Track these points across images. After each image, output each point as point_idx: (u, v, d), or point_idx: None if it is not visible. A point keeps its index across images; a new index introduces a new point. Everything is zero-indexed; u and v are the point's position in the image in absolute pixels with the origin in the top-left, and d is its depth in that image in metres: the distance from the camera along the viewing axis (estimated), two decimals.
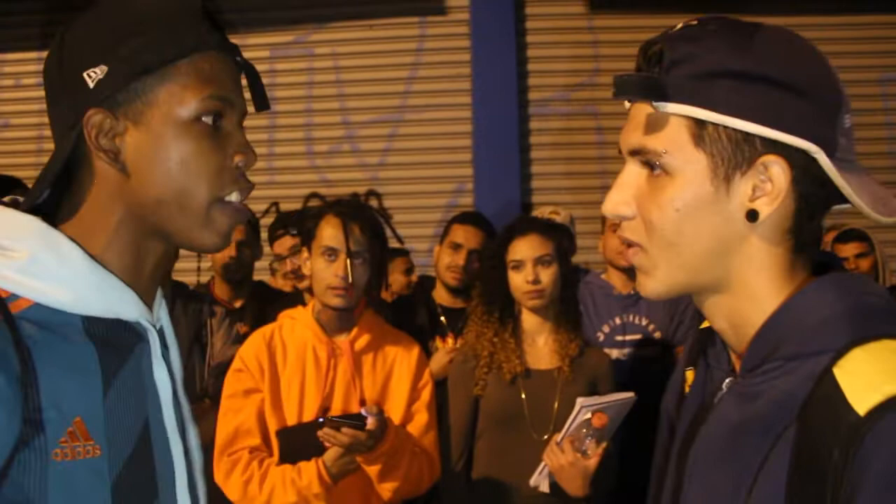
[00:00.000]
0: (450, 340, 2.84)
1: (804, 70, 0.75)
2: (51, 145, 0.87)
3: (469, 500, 2.23)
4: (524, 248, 2.21)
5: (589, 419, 1.97)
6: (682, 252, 0.78)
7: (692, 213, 0.76)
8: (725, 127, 0.74)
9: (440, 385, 2.41)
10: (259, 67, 0.96)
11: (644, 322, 2.84)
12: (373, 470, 1.91)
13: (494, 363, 2.22)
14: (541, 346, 2.26)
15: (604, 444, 2.01)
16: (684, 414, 0.89)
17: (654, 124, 0.77)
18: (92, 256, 0.83)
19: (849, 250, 3.37)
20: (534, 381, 2.21)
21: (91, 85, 0.81)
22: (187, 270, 3.49)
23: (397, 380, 2.06)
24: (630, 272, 2.89)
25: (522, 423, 2.17)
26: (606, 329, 2.84)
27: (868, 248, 3.37)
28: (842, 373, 0.71)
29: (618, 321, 2.84)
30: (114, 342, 0.84)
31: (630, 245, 0.82)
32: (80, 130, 0.82)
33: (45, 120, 0.87)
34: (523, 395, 2.19)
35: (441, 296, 2.97)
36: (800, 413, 0.72)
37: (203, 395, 2.75)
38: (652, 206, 0.78)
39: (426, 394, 2.08)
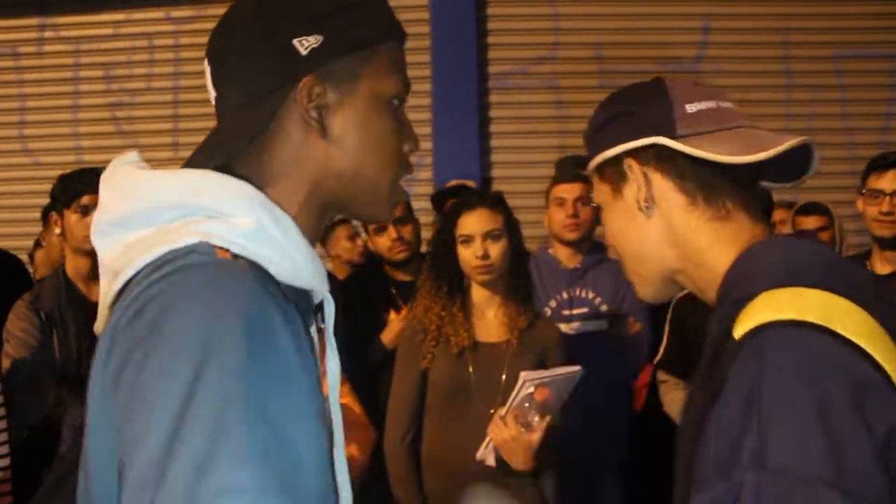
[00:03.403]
0: (404, 312, 2.85)
1: (623, 101, 1.03)
2: None
3: (417, 474, 2.25)
4: (473, 223, 2.21)
5: (532, 393, 1.99)
6: (630, 257, 1.03)
7: (617, 227, 1.03)
8: (604, 161, 1.02)
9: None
10: None
11: (591, 295, 2.86)
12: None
13: (442, 336, 2.22)
14: (490, 318, 2.27)
15: (548, 419, 2.03)
16: None
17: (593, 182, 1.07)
18: None
19: (809, 223, 3.44)
20: (481, 353, 2.22)
21: (303, 52, 0.81)
22: None
23: None
24: (576, 245, 2.91)
25: (470, 396, 2.18)
26: (553, 304, 2.85)
27: (828, 221, 3.44)
28: (743, 313, 0.85)
29: (565, 295, 2.86)
30: (303, 311, 0.83)
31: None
32: (283, 97, 0.82)
33: None
34: (471, 369, 2.20)
35: (392, 270, 3.00)
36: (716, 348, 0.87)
37: None
38: (606, 235, 1.06)
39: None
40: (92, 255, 2.48)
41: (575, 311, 2.85)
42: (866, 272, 0.94)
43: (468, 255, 2.21)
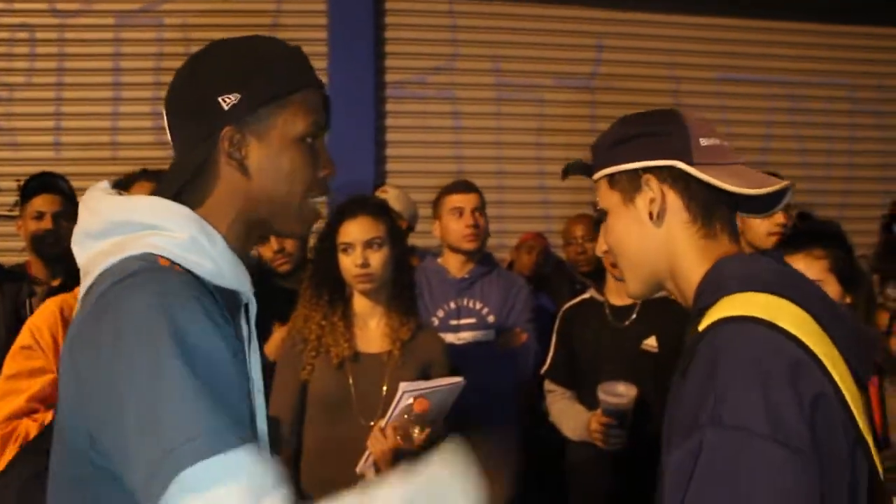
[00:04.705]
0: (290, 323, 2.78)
1: (645, 123, 1.18)
2: None
3: (296, 488, 2.18)
4: (354, 231, 2.18)
5: (412, 405, 1.96)
6: (629, 257, 1.19)
7: (622, 229, 1.18)
8: (619, 172, 1.18)
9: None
10: (103, 36, 1.06)
11: (479, 306, 2.86)
12: None
13: (322, 347, 2.17)
14: (372, 329, 2.24)
15: (427, 430, 2.00)
16: None
17: (597, 189, 1.23)
18: None
19: None
20: (362, 365, 2.18)
21: (225, 108, 1.05)
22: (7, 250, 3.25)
23: None
24: (469, 255, 2.91)
25: (350, 408, 2.14)
26: (441, 314, 2.84)
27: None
28: (708, 313, 1.07)
29: (453, 305, 2.85)
30: (230, 307, 1.06)
31: (614, 266, 1.22)
32: (214, 142, 1.06)
33: None
34: (351, 380, 2.16)
35: (281, 280, 2.93)
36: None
37: None
38: (607, 236, 1.22)
39: None
40: None
41: (463, 322, 2.85)
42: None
43: (348, 264, 2.17)
